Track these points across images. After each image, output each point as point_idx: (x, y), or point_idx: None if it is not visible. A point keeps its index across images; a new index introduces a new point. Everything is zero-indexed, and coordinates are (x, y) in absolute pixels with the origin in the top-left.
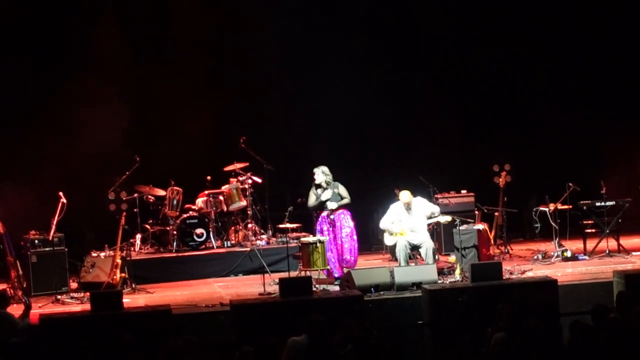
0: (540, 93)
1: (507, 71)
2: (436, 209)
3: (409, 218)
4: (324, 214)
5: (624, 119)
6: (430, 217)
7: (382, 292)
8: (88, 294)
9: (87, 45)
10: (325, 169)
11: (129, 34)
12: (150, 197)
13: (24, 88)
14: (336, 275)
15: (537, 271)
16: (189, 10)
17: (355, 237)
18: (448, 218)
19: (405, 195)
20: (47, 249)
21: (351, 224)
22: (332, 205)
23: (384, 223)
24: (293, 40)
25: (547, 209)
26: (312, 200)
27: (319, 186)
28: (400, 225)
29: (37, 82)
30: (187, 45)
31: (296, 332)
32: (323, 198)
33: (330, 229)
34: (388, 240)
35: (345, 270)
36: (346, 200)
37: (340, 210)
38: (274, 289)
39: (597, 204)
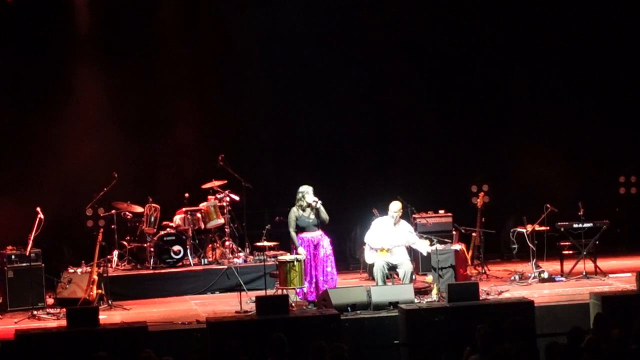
0: (518, 115)
1: (484, 92)
2: (413, 240)
3: (394, 232)
4: (304, 235)
5: (602, 142)
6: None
7: (358, 312)
8: (64, 309)
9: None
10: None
11: (107, 54)
12: (127, 213)
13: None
14: (310, 299)
15: (514, 292)
16: (170, 30)
17: (333, 262)
18: (426, 243)
19: (396, 205)
20: (24, 264)
21: (330, 248)
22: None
23: (368, 238)
24: (273, 58)
25: (524, 230)
26: (293, 222)
27: (302, 207)
28: (384, 242)
29: (16, 99)
30: (166, 64)
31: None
32: (311, 220)
33: (312, 251)
34: (368, 258)
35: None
36: (325, 217)
37: (321, 233)
38: (250, 307)
39: (575, 225)
